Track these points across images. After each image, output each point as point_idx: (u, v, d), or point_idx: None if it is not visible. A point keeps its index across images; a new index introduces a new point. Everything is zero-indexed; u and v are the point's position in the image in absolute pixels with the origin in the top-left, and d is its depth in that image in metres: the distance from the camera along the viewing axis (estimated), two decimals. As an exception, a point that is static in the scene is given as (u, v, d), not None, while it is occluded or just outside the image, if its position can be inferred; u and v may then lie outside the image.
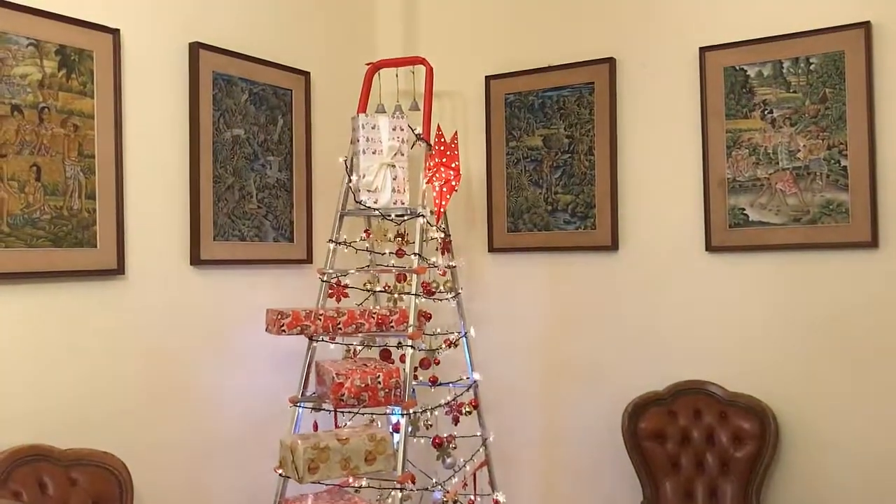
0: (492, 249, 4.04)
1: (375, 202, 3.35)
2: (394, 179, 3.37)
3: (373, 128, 3.33)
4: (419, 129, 3.45)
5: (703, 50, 3.49)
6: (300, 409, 3.24)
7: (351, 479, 3.08)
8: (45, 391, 2.76)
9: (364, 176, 3.33)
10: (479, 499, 3.64)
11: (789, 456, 3.34)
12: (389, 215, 3.42)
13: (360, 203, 3.36)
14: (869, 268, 3.20)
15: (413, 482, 3.02)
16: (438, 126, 3.51)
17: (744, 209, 3.43)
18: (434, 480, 3.51)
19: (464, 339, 3.69)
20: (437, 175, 3.40)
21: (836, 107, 3.24)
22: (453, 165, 3.43)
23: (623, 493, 3.53)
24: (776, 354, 3.38)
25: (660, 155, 3.64)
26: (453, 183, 3.41)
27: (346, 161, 3.42)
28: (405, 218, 3.47)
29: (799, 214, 3.32)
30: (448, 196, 3.39)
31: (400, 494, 2.97)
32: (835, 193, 3.25)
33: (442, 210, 3.40)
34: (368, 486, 3.05)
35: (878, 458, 3.20)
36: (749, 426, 3.30)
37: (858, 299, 3.23)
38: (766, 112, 3.38)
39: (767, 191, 3.38)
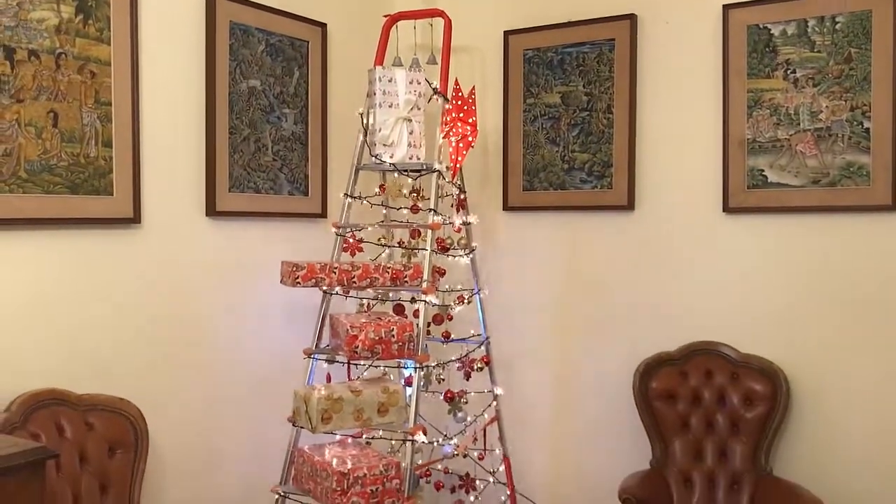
0: (506, 208, 4.02)
1: (391, 157, 3.33)
2: (410, 134, 3.34)
3: (389, 81, 3.30)
4: (436, 84, 3.42)
5: (726, 7, 3.43)
6: (314, 361, 3.26)
7: (363, 431, 3.12)
8: (61, 337, 2.79)
9: (380, 130, 3.31)
10: (488, 453, 3.68)
11: (800, 418, 3.35)
12: (405, 170, 3.41)
13: (375, 157, 3.34)
14: (889, 231, 3.17)
15: (424, 434, 3.04)
16: (456, 80, 3.48)
17: (763, 170, 3.39)
18: (445, 434, 3.55)
19: (477, 296, 3.70)
20: (454, 130, 3.37)
21: (861, 67, 3.19)
22: (470, 121, 3.40)
23: (632, 452, 3.55)
24: (790, 317, 3.37)
25: (679, 114, 3.59)
26: (470, 138, 3.39)
27: (361, 114, 3.39)
28: (421, 173, 3.45)
29: (818, 177, 3.29)
30: (464, 152, 3.37)
31: (411, 446, 3.00)
32: (856, 156, 3.21)
33: (458, 166, 3.38)
34: (381, 438, 3.08)
35: (889, 422, 3.20)
36: (760, 387, 3.30)
37: (876, 263, 3.20)
38: (788, 72, 3.33)
39: (787, 152, 3.34)
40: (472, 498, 3.62)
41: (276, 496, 3.14)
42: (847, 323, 3.27)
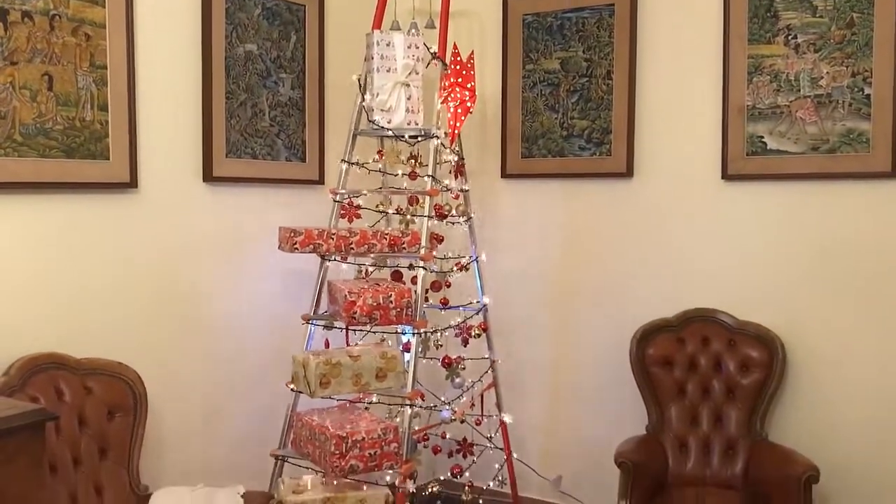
0: (505, 175, 4.01)
1: (389, 122, 3.31)
2: (408, 99, 3.32)
3: (387, 45, 3.27)
4: (434, 48, 3.39)
5: (728, -28, 3.40)
6: (312, 327, 3.27)
7: (361, 396, 3.13)
8: (58, 302, 2.78)
9: (378, 95, 3.28)
10: (485, 419, 3.70)
11: (796, 384, 3.37)
12: (403, 136, 3.39)
13: (373, 123, 3.32)
14: (888, 198, 3.17)
15: (422, 399, 3.06)
16: (455, 45, 3.45)
17: (762, 137, 3.38)
18: (442, 399, 3.57)
19: (475, 263, 3.70)
20: (452, 95, 3.35)
21: (863, 32, 3.16)
22: (469, 86, 3.38)
23: (628, 418, 3.58)
24: (788, 284, 3.38)
25: (679, 80, 3.57)
26: (468, 104, 3.37)
27: (359, 79, 3.36)
28: (419, 139, 3.43)
29: (818, 143, 3.27)
30: (463, 117, 3.35)
31: (409, 411, 3.01)
32: (856, 122, 3.19)
33: (456, 132, 3.37)
34: (379, 402, 3.10)
35: (884, 389, 3.22)
36: (757, 354, 3.32)
37: (875, 231, 3.20)
38: (789, 37, 3.30)
39: (787, 119, 3.33)
40: (469, 462, 3.65)
41: (276, 460, 3.16)
42: (845, 290, 3.28)
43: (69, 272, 2.81)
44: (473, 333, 3.59)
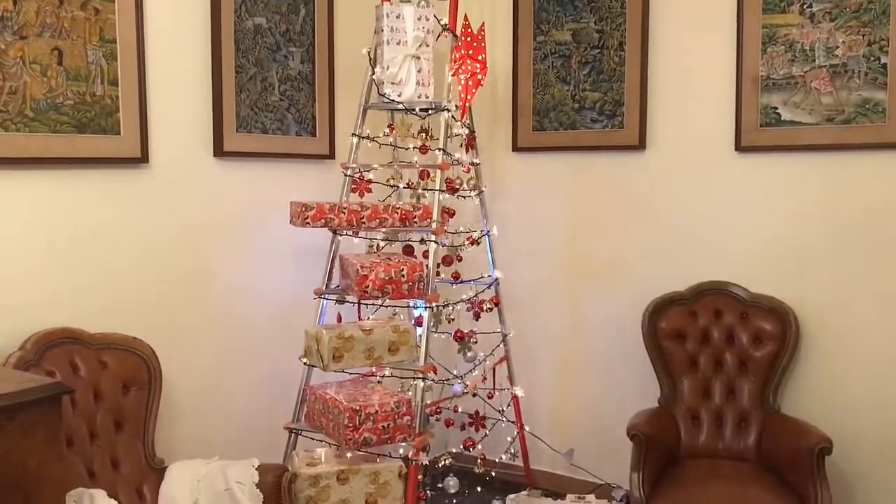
0: (516, 149, 3.99)
1: (399, 95, 3.29)
2: (418, 72, 3.30)
3: (397, 17, 3.24)
4: (445, 20, 3.36)
5: (742, -61, 3.35)
6: (324, 302, 3.27)
7: (374, 369, 3.14)
8: (71, 278, 2.79)
9: (388, 68, 3.26)
10: (497, 393, 3.71)
11: (808, 357, 3.36)
12: (413, 109, 3.37)
13: (383, 96, 3.30)
14: (903, 169, 3.15)
15: (435, 373, 3.06)
16: (465, 17, 3.42)
17: (776, 108, 3.34)
18: (454, 373, 3.58)
19: (486, 237, 3.69)
20: (463, 67, 3.32)
21: (880, 1, 3.11)
22: (480, 58, 3.35)
23: (640, 391, 3.58)
24: (801, 257, 3.36)
25: (692, 51, 3.53)
26: (479, 76, 3.34)
27: (369, 52, 3.34)
28: (429, 112, 3.41)
29: (833, 114, 3.24)
30: (474, 90, 3.33)
31: (422, 384, 3.02)
32: (872, 92, 3.15)
33: (467, 105, 3.34)
34: (392, 376, 3.11)
35: (897, 360, 3.21)
36: (770, 327, 3.31)
37: (891, 202, 3.17)
38: (805, 6, 3.26)
39: (802, 89, 3.29)
40: (481, 435, 3.67)
41: (289, 433, 3.19)
42: (859, 263, 3.26)
43: (81, 248, 2.82)
44: (485, 307, 3.59)
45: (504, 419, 3.76)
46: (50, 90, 2.69)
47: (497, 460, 3.76)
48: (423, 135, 3.46)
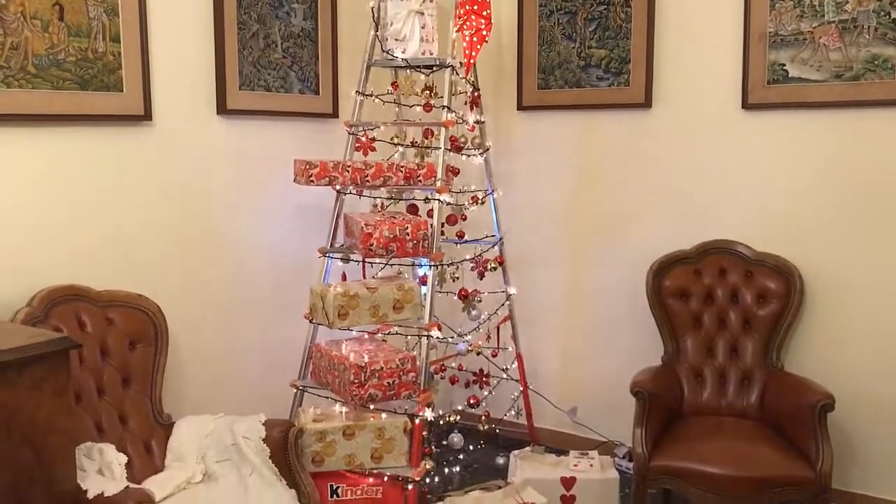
0: (521, 107, 3.96)
1: (403, 52, 3.27)
2: (422, 28, 3.26)
3: (401, -28, 3.20)
4: (449, -25, 3.31)
5: None
6: (329, 260, 3.28)
7: (380, 328, 3.16)
8: (75, 234, 2.79)
9: (391, 24, 3.23)
10: (501, 351, 3.73)
11: (812, 315, 3.36)
12: (417, 66, 3.34)
13: (387, 53, 3.28)
14: (911, 126, 3.12)
15: (439, 330, 3.08)
16: (470, -28, 3.37)
17: (784, 65, 3.31)
18: (459, 332, 3.59)
19: (490, 196, 3.69)
20: (468, 23, 3.28)
21: (891, -46, 3.07)
22: (484, 14, 3.31)
23: (644, 349, 3.59)
24: (807, 215, 3.35)
25: (699, 7, 3.48)
26: (484, 32, 3.30)
27: (373, 8, 3.30)
28: (433, 69, 3.39)
29: (841, 70, 3.20)
30: (478, 46, 3.29)
31: (427, 342, 3.04)
32: (881, 48, 3.12)
33: (472, 61, 3.31)
34: (396, 333, 3.12)
35: (901, 318, 3.22)
36: (774, 285, 3.31)
37: (897, 159, 3.16)
38: (815, -40, 3.21)
39: (810, 45, 3.25)
40: (485, 393, 3.70)
41: (295, 390, 3.21)
42: (866, 221, 3.24)
43: (85, 205, 2.82)
44: (489, 267, 3.60)
45: (508, 377, 3.78)
46: (52, 46, 2.67)
47: (501, 418, 3.79)
48: (427, 93, 3.43)
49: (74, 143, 2.77)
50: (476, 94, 3.56)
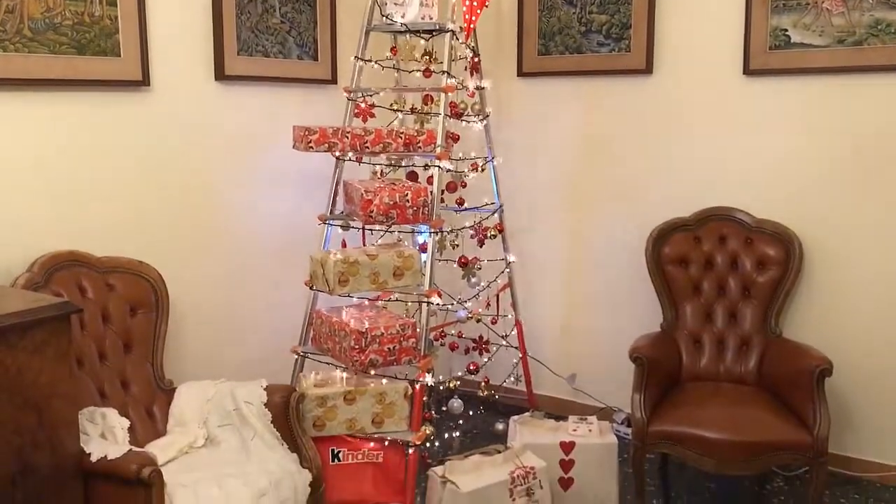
0: (521, 74, 3.93)
1: (403, 16, 3.24)
2: (422, -8, 3.23)
3: (401, -65, 3.16)
4: (449, -62, 3.27)
5: None
6: (329, 227, 3.27)
7: (380, 295, 3.16)
8: (73, 200, 2.78)
9: (391, -12, 3.19)
10: (501, 319, 3.74)
11: (811, 282, 3.37)
12: (417, 31, 3.31)
13: (386, 17, 3.25)
14: (913, 92, 3.10)
15: (439, 297, 3.08)
16: (470, -65, 3.32)
17: (786, 30, 3.28)
18: (458, 299, 3.60)
19: (490, 163, 3.67)
20: (468, -12, 3.25)
21: (896, -84, 3.03)
22: (485, -22, 3.27)
23: (643, 316, 3.60)
24: (807, 181, 3.34)
25: (702, -29, 3.45)
26: (484, -3, 3.27)
27: (372, -27, 3.27)
28: (433, 34, 3.36)
29: (844, 35, 3.18)
30: (478, 11, 3.26)
31: (427, 308, 3.04)
32: (885, 13, 3.09)
33: (472, 26, 3.28)
34: (397, 300, 3.13)
35: (900, 285, 3.23)
36: (774, 252, 3.31)
37: (898, 125, 3.15)
38: (819, -77, 3.17)
39: (813, 10, 3.22)
40: (484, 360, 3.71)
41: (296, 356, 3.23)
42: (866, 188, 3.24)
43: (84, 171, 2.81)
44: (489, 234, 3.60)
45: (507, 344, 3.80)
46: (48, 10, 2.64)
47: (501, 384, 3.82)
48: (427, 58, 3.40)
49: (73, 109, 2.75)
50: (476, 59, 3.53)
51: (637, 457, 2.95)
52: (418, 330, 2.99)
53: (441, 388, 3.49)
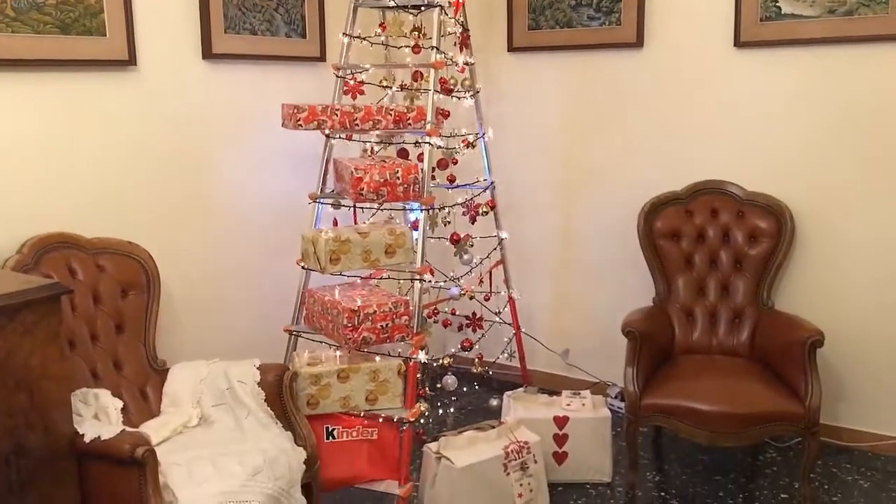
0: (511, 49, 3.91)
1: (391, -8, 3.20)
2: (410, -33, 3.19)
3: None
4: (437, -88, 3.23)
5: None
6: (319, 206, 3.26)
7: (372, 273, 3.16)
8: (61, 182, 2.76)
9: (379, -37, 3.16)
10: (494, 295, 3.75)
11: (803, 254, 3.38)
12: (405, 6, 3.28)
13: (374, -7, 3.22)
14: (904, 62, 3.09)
15: (431, 274, 3.08)
16: None
17: (777, 1, 3.26)
18: (451, 276, 3.60)
19: (481, 140, 3.66)
20: (456, -38, 3.22)
21: None
22: (473, -48, 3.24)
23: (635, 290, 3.61)
24: (799, 153, 3.34)
25: (692, -58, 3.43)
26: (473, -29, 3.24)
27: (359, -53, 3.23)
28: (421, 9, 3.33)
29: (835, 6, 3.16)
30: (467, -15, 3.23)
31: (419, 285, 3.04)
32: (876, -18, 3.08)
33: (461, 1, 3.25)
34: (389, 278, 3.12)
35: (891, 259, 3.23)
36: (765, 224, 3.32)
37: (893, 97, 3.13)
38: None
39: (804, -20, 3.21)
40: (478, 336, 3.72)
41: (289, 335, 3.22)
42: (857, 160, 3.24)
43: (71, 152, 2.78)
44: (481, 211, 3.59)
45: (501, 321, 3.81)
46: (30, -11, 2.61)
47: (494, 360, 3.82)
48: (416, 34, 3.37)
49: (58, 89, 2.73)
50: (466, 34, 3.50)
51: (630, 430, 2.96)
52: (411, 307, 2.99)
53: (435, 364, 3.50)
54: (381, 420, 2.90)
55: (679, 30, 3.51)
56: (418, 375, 3.13)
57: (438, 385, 3.65)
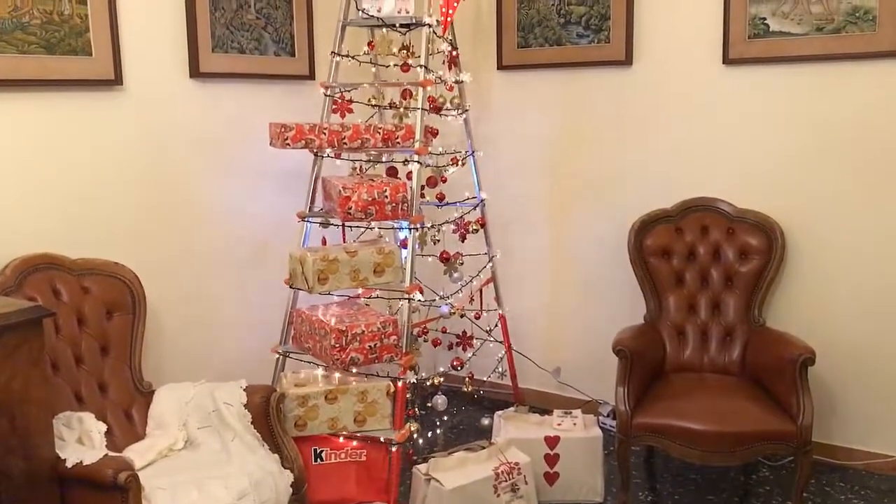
0: (501, 67, 3.90)
1: (378, 11, 3.20)
2: (398, -14, 3.19)
3: (375, -72, 3.13)
4: (425, -69, 3.24)
5: None
6: (308, 225, 3.24)
7: (361, 292, 3.14)
8: (48, 203, 2.74)
9: (367, -18, 3.16)
10: (485, 313, 3.73)
11: (793, 271, 3.37)
12: (394, 25, 3.28)
13: (362, 12, 3.21)
14: (895, 79, 3.09)
15: (421, 293, 3.06)
16: (445, -73, 3.29)
17: (765, 19, 3.27)
18: (441, 294, 3.58)
19: (471, 157, 3.65)
20: (444, -20, 3.22)
21: None
22: (461, -30, 3.24)
23: (626, 309, 3.59)
24: (789, 170, 3.34)
25: (680, -39, 3.43)
26: (461, -11, 3.24)
27: (347, -34, 3.23)
28: (410, 28, 3.32)
29: (822, 23, 3.17)
30: (455, 3, 3.23)
31: (408, 304, 3.02)
32: (862, 0, 3.08)
33: (449, 19, 3.25)
34: (378, 297, 3.10)
35: (882, 275, 3.22)
36: (756, 241, 3.31)
37: (880, 113, 3.13)
38: (796, -90, 3.15)
39: (792, -2, 3.21)
40: (469, 355, 3.69)
41: (277, 356, 3.20)
42: (847, 175, 3.24)
43: (57, 172, 2.76)
44: (471, 229, 3.58)
45: (492, 339, 3.78)
46: (15, 9, 2.60)
47: (485, 379, 3.80)
48: (405, 52, 3.37)
49: (44, 109, 2.71)
50: (454, 53, 3.50)
51: (622, 450, 2.94)
52: (400, 326, 2.97)
53: (425, 384, 3.47)
54: (369, 442, 2.86)
55: (668, 47, 3.51)
56: (408, 395, 3.11)
57: (429, 405, 3.62)
